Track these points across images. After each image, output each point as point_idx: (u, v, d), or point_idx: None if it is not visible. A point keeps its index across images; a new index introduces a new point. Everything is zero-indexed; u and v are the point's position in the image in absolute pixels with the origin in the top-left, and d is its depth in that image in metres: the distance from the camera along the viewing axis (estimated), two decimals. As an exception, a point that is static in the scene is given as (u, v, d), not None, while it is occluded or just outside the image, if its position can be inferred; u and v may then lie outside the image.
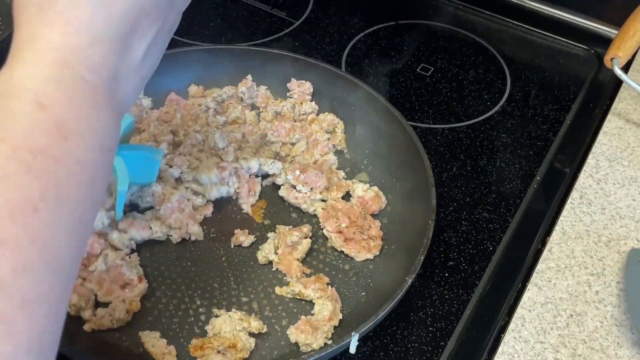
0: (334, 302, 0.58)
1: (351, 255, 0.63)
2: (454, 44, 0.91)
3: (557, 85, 0.86)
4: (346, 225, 0.64)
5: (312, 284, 0.59)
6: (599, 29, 0.94)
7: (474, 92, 0.84)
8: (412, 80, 0.85)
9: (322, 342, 0.55)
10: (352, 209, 0.66)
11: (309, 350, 0.55)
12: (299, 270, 0.61)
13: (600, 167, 0.72)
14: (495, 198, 0.71)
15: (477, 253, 0.65)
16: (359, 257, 0.63)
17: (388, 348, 0.57)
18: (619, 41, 0.77)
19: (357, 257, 0.63)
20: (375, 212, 0.67)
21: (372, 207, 0.67)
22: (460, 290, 0.62)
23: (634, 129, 0.77)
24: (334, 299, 0.58)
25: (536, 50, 0.92)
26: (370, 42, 0.90)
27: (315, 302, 0.58)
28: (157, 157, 0.63)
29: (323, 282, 0.60)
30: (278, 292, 0.60)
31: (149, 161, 0.63)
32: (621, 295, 0.60)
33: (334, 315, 0.57)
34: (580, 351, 0.56)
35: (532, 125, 0.80)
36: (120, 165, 0.59)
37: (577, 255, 0.63)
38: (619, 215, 0.67)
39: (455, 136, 0.78)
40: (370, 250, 0.63)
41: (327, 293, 0.59)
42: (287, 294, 0.60)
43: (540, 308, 0.59)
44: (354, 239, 0.63)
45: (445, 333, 0.58)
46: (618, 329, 0.58)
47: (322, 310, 0.57)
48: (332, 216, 0.65)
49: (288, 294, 0.60)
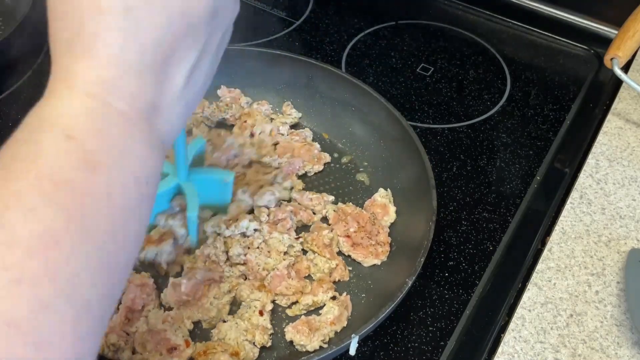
0: (342, 309, 0.57)
1: (358, 260, 0.63)
2: (454, 44, 0.91)
3: (557, 85, 0.86)
4: (354, 230, 0.64)
5: (318, 287, 0.59)
6: (599, 29, 0.94)
7: (474, 92, 0.84)
8: (412, 80, 0.85)
9: (317, 344, 0.55)
10: (361, 214, 0.65)
11: (303, 351, 0.55)
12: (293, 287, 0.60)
13: (600, 167, 0.72)
14: (495, 198, 0.71)
15: (477, 253, 0.65)
16: (366, 263, 0.63)
17: (388, 348, 0.57)
18: (619, 41, 0.77)
19: (364, 263, 0.63)
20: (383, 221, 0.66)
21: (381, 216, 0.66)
22: (460, 290, 0.62)
23: (634, 129, 0.77)
24: (343, 306, 0.58)
25: (536, 50, 0.92)
26: (370, 42, 0.90)
27: (326, 304, 0.58)
28: (228, 180, 0.61)
29: (329, 285, 0.59)
30: (291, 313, 0.59)
31: (220, 184, 0.62)
32: (621, 295, 0.60)
33: (337, 320, 0.57)
34: (580, 351, 0.56)
35: (532, 125, 0.80)
36: (190, 190, 0.59)
37: (577, 255, 0.63)
38: (619, 215, 0.67)
39: (455, 136, 0.78)
40: (377, 256, 0.63)
41: (340, 299, 0.58)
42: (301, 311, 0.59)
43: (540, 308, 0.59)
44: (362, 244, 0.63)
45: (445, 333, 0.58)
46: (618, 329, 0.58)
47: (328, 312, 0.57)
48: (341, 219, 0.65)
49: (302, 311, 0.59)
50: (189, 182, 0.60)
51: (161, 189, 0.59)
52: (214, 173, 0.63)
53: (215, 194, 0.62)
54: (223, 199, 0.63)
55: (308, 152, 0.71)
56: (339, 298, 0.59)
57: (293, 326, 0.56)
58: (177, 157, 0.58)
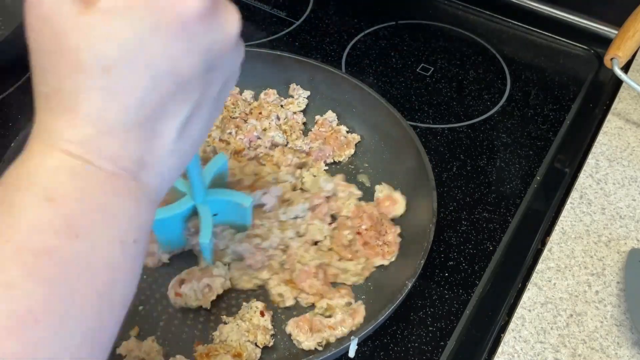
0: (349, 317, 0.57)
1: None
2: (454, 44, 0.91)
3: (557, 85, 0.86)
4: (366, 228, 0.63)
5: (336, 291, 0.59)
6: (599, 29, 0.94)
7: (474, 92, 0.84)
8: (412, 80, 0.85)
9: (312, 345, 0.55)
10: (374, 212, 0.65)
11: (299, 347, 0.55)
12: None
13: (600, 167, 0.72)
14: (495, 198, 0.71)
15: (477, 253, 0.65)
16: (374, 263, 0.62)
17: (388, 348, 0.57)
18: (619, 41, 0.77)
19: (373, 262, 0.62)
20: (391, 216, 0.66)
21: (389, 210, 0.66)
22: (460, 290, 0.62)
23: (634, 129, 0.77)
24: (349, 314, 0.57)
25: (536, 50, 0.92)
26: (370, 42, 0.90)
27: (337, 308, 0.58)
28: (246, 205, 0.59)
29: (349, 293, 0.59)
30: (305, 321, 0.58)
31: (239, 208, 0.60)
32: (621, 295, 0.60)
33: (339, 325, 0.56)
34: (580, 351, 0.56)
35: (532, 125, 0.80)
36: (205, 213, 0.57)
37: (577, 255, 0.63)
38: (619, 215, 0.67)
39: (455, 136, 0.78)
40: (384, 256, 0.62)
41: (352, 307, 0.58)
42: (315, 316, 0.58)
43: (540, 308, 0.59)
44: (369, 243, 0.63)
45: (445, 333, 0.58)
46: (618, 329, 0.58)
47: (334, 315, 0.57)
48: (358, 216, 0.64)
49: (316, 314, 0.58)
50: (205, 205, 0.58)
51: (176, 211, 0.58)
52: (233, 196, 0.60)
53: (234, 216, 0.61)
54: (242, 222, 0.62)
55: (336, 140, 0.72)
56: (352, 306, 0.58)
57: (295, 320, 0.56)
58: (192, 181, 0.56)
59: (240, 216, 0.61)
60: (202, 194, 0.58)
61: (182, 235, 0.61)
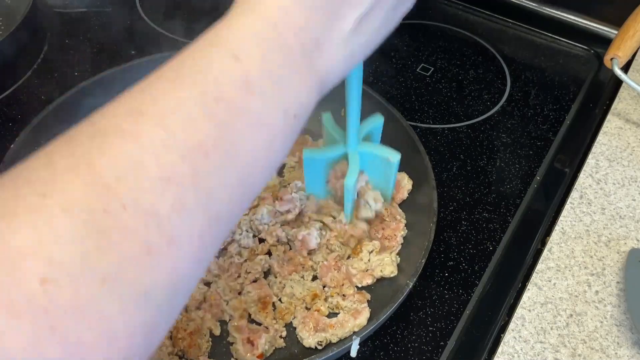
0: (351, 317, 0.57)
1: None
2: (454, 44, 0.91)
3: (557, 85, 0.86)
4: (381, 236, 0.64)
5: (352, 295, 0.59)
6: (599, 29, 0.94)
7: (474, 92, 0.84)
8: (412, 80, 0.85)
9: (313, 343, 0.55)
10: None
11: (301, 342, 0.55)
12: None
13: (600, 167, 0.72)
14: (495, 198, 0.71)
15: (477, 253, 0.65)
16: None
17: (388, 348, 0.57)
18: (619, 41, 0.77)
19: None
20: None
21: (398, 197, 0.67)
22: (460, 290, 0.62)
23: (634, 129, 0.77)
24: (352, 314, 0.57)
25: (536, 50, 0.92)
26: (370, 42, 0.90)
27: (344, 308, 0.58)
28: (393, 160, 0.59)
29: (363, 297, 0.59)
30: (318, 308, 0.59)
31: (385, 163, 0.60)
32: (621, 295, 0.60)
33: (341, 324, 0.56)
34: (580, 351, 0.56)
35: (532, 125, 0.80)
36: (354, 158, 0.58)
37: (577, 255, 0.63)
38: (619, 215, 0.67)
39: (455, 136, 0.78)
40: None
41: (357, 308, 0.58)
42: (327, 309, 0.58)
43: (540, 308, 0.59)
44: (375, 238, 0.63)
45: (445, 333, 0.58)
46: (618, 329, 0.58)
47: (340, 315, 0.57)
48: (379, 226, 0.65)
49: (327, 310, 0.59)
50: (355, 153, 0.58)
51: (327, 154, 0.59)
52: (381, 150, 0.60)
53: (379, 174, 0.61)
54: (386, 182, 0.62)
55: None
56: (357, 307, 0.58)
57: (303, 316, 0.56)
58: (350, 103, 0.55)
59: (384, 175, 0.61)
60: (355, 139, 0.58)
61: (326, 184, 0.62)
